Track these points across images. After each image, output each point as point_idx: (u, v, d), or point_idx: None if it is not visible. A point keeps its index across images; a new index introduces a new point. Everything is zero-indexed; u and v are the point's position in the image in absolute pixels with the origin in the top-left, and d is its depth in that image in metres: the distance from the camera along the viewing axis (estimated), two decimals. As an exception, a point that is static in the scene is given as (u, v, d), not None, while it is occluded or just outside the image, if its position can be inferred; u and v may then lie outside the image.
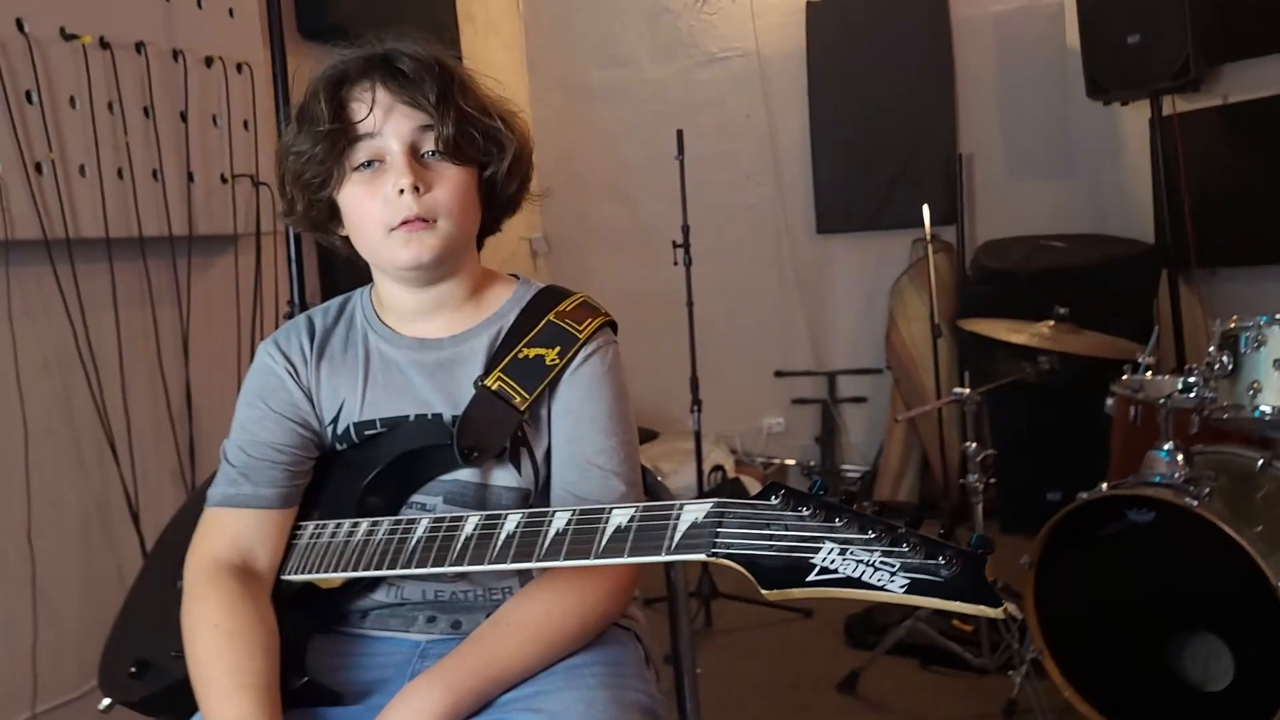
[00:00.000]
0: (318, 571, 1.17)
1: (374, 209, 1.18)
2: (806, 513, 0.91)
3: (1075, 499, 2.19)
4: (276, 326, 1.23)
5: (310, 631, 1.23)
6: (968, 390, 2.68)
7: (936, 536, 0.88)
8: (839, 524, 0.89)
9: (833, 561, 0.87)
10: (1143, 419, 2.40)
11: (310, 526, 1.21)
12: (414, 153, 1.18)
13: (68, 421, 2.43)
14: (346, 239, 1.26)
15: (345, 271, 1.36)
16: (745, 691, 2.73)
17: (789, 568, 0.88)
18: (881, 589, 0.85)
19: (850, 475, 4.51)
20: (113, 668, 1.27)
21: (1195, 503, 2.04)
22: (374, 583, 1.24)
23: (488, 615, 1.17)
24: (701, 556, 0.93)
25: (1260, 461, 2.26)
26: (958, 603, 0.83)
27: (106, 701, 1.26)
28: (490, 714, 1.10)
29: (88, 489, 2.48)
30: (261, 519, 1.20)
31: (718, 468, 4.26)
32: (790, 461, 4.63)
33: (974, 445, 2.63)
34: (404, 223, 1.17)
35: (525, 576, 1.23)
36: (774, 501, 0.93)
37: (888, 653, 2.71)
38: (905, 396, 4.21)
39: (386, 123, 1.17)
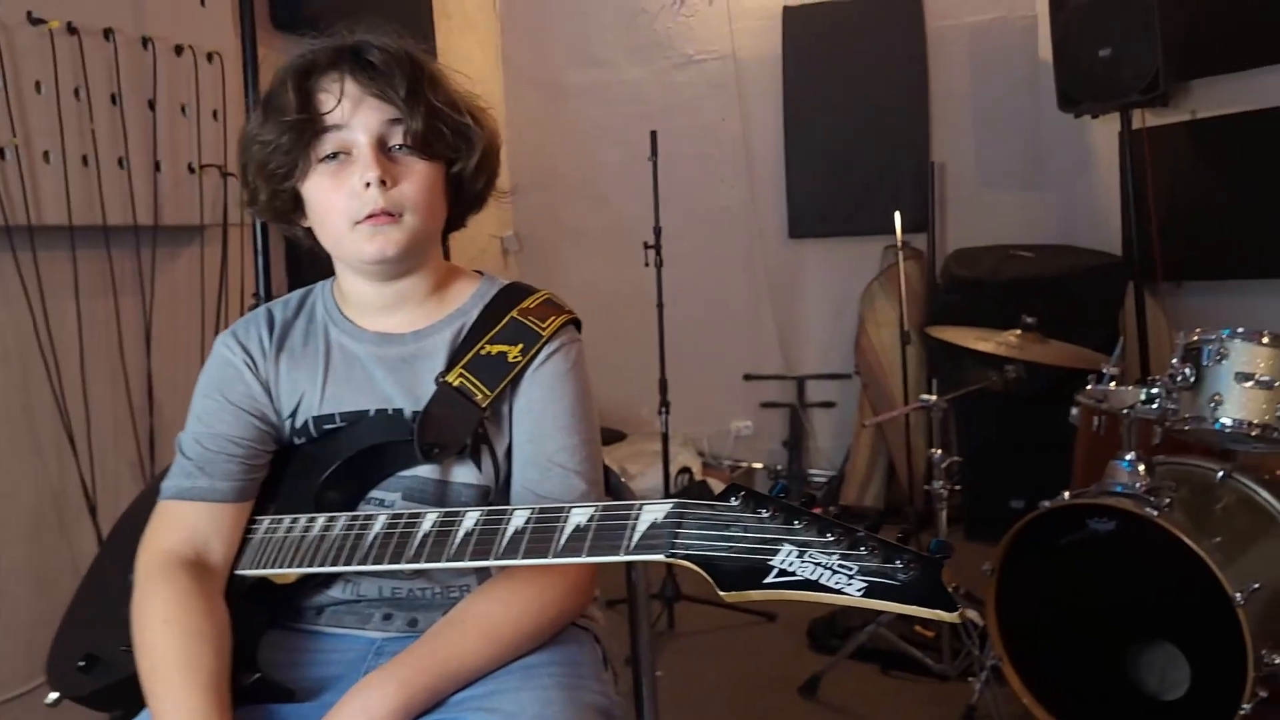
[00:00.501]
0: (273, 566, 1.15)
1: (339, 202, 1.17)
2: (766, 515, 0.91)
3: (1038, 507, 2.21)
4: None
5: (264, 627, 1.21)
6: (935, 397, 2.70)
7: (895, 541, 0.88)
8: (798, 526, 0.89)
9: (791, 564, 0.87)
10: (1106, 429, 2.42)
11: (266, 521, 1.20)
12: (381, 146, 1.17)
13: (25, 411, 2.39)
14: (309, 230, 1.25)
15: (312, 264, 1.34)
16: (706, 694, 2.73)
17: (747, 569, 0.88)
18: (839, 592, 0.85)
19: (817, 480, 4.52)
20: (61, 661, 1.25)
21: (1156, 513, 2.06)
22: (330, 579, 1.23)
23: (445, 613, 1.15)
24: (660, 557, 0.93)
25: (1220, 473, 2.29)
26: (914, 606, 0.84)
27: (54, 695, 1.23)
28: (444, 712, 1.09)
29: (44, 480, 2.43)
30: (216, 512, 1.18)
31: (685, 470, 4.25)
32: (757, 465, 4.64)
33: (940, 452, 2.64)
34: (369, 216, 1.15)
35: (483, 574, 1.22)
36: (734, 503, 0.93)
37: (850, 657, 2.72)
38: (873, 402, 4.23)
39: (354, 115, 1.16)
